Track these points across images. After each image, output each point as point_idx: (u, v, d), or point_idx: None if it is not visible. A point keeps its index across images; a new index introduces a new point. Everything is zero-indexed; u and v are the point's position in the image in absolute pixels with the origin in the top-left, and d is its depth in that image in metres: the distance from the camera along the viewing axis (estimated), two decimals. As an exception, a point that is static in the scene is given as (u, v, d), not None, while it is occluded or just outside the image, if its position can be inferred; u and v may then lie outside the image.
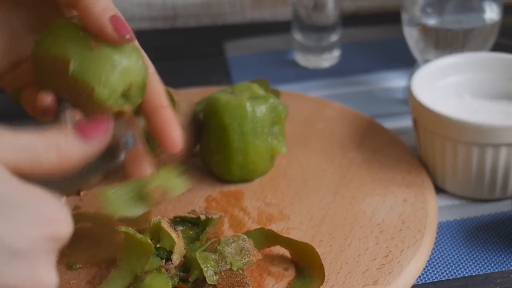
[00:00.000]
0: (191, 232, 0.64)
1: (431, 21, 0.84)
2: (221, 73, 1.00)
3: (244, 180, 0.73)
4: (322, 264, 0.60)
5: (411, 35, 0.86)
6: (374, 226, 0.66)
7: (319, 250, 0.61)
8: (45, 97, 0.53)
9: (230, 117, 0.70)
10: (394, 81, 0.95)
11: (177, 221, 0.64)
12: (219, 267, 0.59)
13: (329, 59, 0.99)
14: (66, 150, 0.45)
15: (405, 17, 0.86)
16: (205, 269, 0.58)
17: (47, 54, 0.53)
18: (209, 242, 0.61)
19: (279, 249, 0.64)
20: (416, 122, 0.73)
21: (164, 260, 0.59)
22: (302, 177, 0.74)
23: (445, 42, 0.83)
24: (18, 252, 0.40)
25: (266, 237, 0.63)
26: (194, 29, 1.15)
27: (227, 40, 1.09)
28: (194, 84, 0.95)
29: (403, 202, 0.69)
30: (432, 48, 0.84)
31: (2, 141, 0.41)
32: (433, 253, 0.66)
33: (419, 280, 0.63)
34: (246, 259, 0.60)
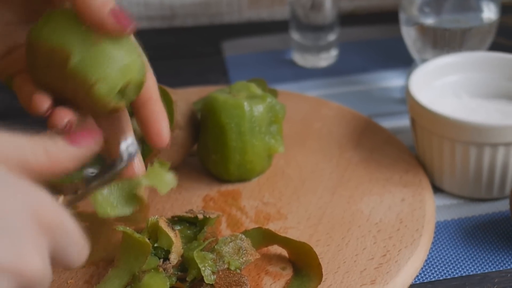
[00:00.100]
0: (188, 232, 0.64)
1: (429, 21, 0.84)
2: (218, 73, 1.00)
3: (242, 179, 0.73)
4: (319, 264, 0.60)
5: (409, 35, 0.86)
6: (371, 225, 0.66)
7: (317, 250, 0.61)
8: (42, 101, 0.52)
9: (228, 116, 0.70)
10: (391, 80, 0.95)
11: (175, 221, 0.64)
12: (217, 267, 0.59)
13: (327, 58, 0.99)
14: (55, 153, 0.44)
15: (402, 16, 0.86)
16: (203, 268, 0.58)
17: (44, 44, 0.51)
18: (206, 242, 0.61)
19: (276, 249, 0.64)
20: (413, 122, 0.73)
21: (162, 260, 0.59)
22: (299, 177, 0.74)
23: (443, 41, 0.83)
24: (1, 228, 0.38)
25: (263, 237, 0.63)
26: (192, 28, 1.15)
27: (224, 39, 1.09)
28: (191, 84, 0.95)
29: (401, 201, 0.69)
30: (430, 48, 0.84)
31: None
32: (430, 253, 0.66)
33: (416, 279, 0.63)
34: (244, 258, 0.60)
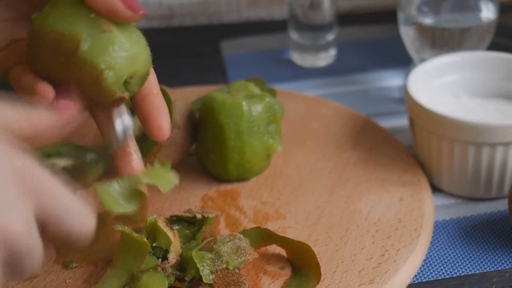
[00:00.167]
0: (187, 231, 0.64)
1: (427, 20, 0.84)
2: (217, 72, 1.00)
3: (240, 179, 0.73)
4: (318, 263, 0.60)
5: (407, 34, 0.86)
6: (370, 225, 0.66)
7: (315, 249, 0.61)
8: (47, 90, 0.52)
9: (226, 116, 0.70)
10: (390, 80, 0.95)
11: (173, 220, 0.64)
12: (215, 266, 0.59)
13: (325, 58, 0.99)
14: (37, 120, 0.44)
15: (401, 16, 0.86)
16: (201, 268, 0.58)
17: (51, 30, 0.51)
18: (205, 241, 0.61)
19: (275, 248, 0.64)
20: (412, 121, 0.73)
21: (160, 259, 0.59)
22: (298, 176, 0.74)
23: (441, 41, 0.83)
24: None
25: (262, 236, 0.63)
26: (190, 28, 1.15)
27: (223, 39, 1.09)
28: (190, 83, 0.95)
29: (399, 201, 0.69)
30: (428, 47, 0.84)
31: None
32: (429, 252, 0.66)
33: (415, 279, 0.63)
34: (242, 258, 0.60)
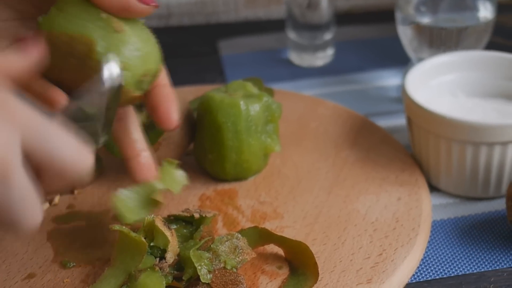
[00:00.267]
0: (185, 231, 0.64)
1: (425, 20, 0.84)
2: (215, 72, 1.00)
3: (238, 178, 0.73)
4: (316, 263, 0.60)
5: (405, 34, 0.86)
6: (368, 224, 0.66)
7: (313, 249, 0.61)
8: (60, 95, 0.52)
9: (224, 115, 0.70)
10: (388, 79, 0.95)
11: (171, 220, 0.64)
12: (213, 266, 0.59)
13: (323, 57, 0.99)
14: (4, 60, 0.45)
15: (399, 15, 0.86)
16: (199, 267, 0.58)
17: (62, 33, 0.51)
18: (203, 241, 0.61)
19: (273, 248, 0.64)
20: (410, 121, 0.73)
21: (158, 259, 0.59)
22: (296, 176, 0.74)
23: (439, 40, 0.83)
24: None
25: (260, 236, 0.63)
26: (188, 27, 1.15)
27: (221, 38, 1.09)
28: (188, 83, 0.95)
29: (397, 200, 0.69)
30: (426, 47, 0.85)
31: None
32: (427, 252, 0.66)
33: (413, 278, 0.63)
34: (240, 257, 0.60)
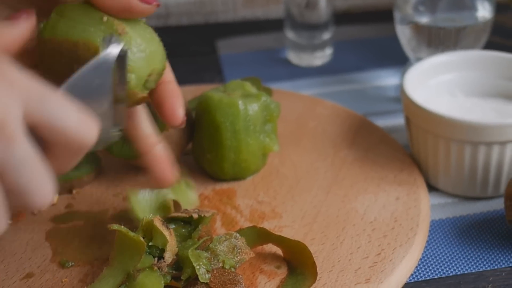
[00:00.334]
0: (183, 230, 0.64)
1: (424, 19, 0.84)
2: (213, 71, 1.00)
3: (237, 178, 0.73)
4: (314, 262, 0.60)
5: (404, 33, 0.86)
6: (366, 224, 0.66)
7: (312, 248, 0.61)
8: None
9: (223, 115, 0.70)
10: (386, 79, 0.95)
11: (170, 219, 0.64)
12: (212, 265, 0.59)
13: (322, 57, 0.99)
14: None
15: (397, 15, 0.86)
16: (198, 267, 0.58)
17: (65, 39, 0.50)
18: (201, 240, 0.61)
19: (271, 247, 0.64)
20: (408, 120, 0.73)
21: (156, 258, 0.59)
22: (294, 176, 0.74)
23: (438, 40, 0.83)
24: None
25: (258, 235, 0.63)
26: (187, 27, 1.14)
27: (219, 38, 1.09)
28: (186, 82, 0.95)
29: (396, 200, 0.69)
30: (425, 46, 0.85)
31: None
32: (425, 251, 0.66)
33: (411, 278, 0.63)
34: (239, 257, 0.60)
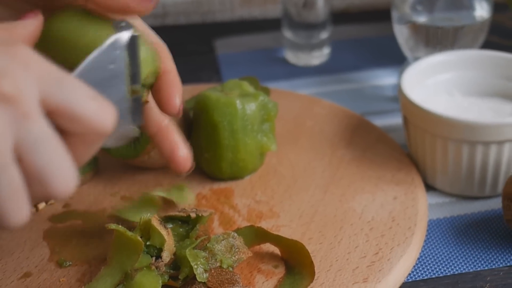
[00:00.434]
0: (181, 230, 0.64)
1: (421, 19, 0.84)
2: (211, 71, 1.00)
3: (234, 177, 0.73)
4: (312, 262, 0.60)
5: (401, 33, 0.86)
6: (364, 223, 0.66)
7: (309, 248, 0.61)
8: None
9: (220, 114, 0.70)
10: (384, 78, 0.95)
11: (167, 219, 0.64)
12: (209, 265, 0.59)
13: (319, 56, 0.99)
14: (14, 27, 0.47)
15: (395, 14, 0.86)
16: (195, 266, 0.58)
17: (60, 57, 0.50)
18: (199, 240, 0.61)
19: (269, 247, 0.64)
20: (406, 120, 0.73)
21: (154, 258, 0.59)
22: (292, 175, 0.74)
23: (435, 39, 0.83)
24: None
25: (256, 235, 0.63)
26: (184, 26, 1.14)
27: (217, 37, 1.09)
28: (184, 82, 0.94)
29: (393, 199, 0.69)
30: (422, 46, 0.85)
31: None
32: (423, 251, 0.66)
33: (409, 277, 0.63)
34: (236, 256, 0.60)
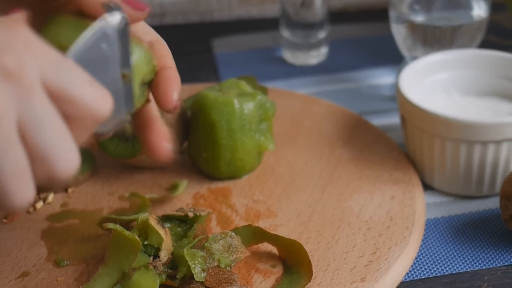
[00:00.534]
0: (178, 229, 0.64)
1: (419, 18, 0.84)
2: (209, 70, 1.00)
3: (232, 177, 0.73)
4: (309, 261, 0.60)
5: (399, 32, 0.86)
6: (361, 223, 0.66)
7: (307, 247, 0.61)
8: None
9: (218, 114, 0.70)
10: (381, 78, 0.95)
11: (165, 218, 0.64)
12: (207, 264, 0.59)
13: (317, 56, 0.99)
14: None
15: (392, 14, 0.86)
16: (193, 266, 0.58)
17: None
18: (196, 239, 0.61)
19: (266, 246, 0.64)
20: (404, 119, 0.73)
21: (151, 257, 0.59)
22: (289, 174, 0.74)
23: (433, 39, 0.83)
24: None
25: (253, 234, 0.63)
26: (182, 26, 1.14)
27: (215, 37, 1.09)
28: (182, 81, 0.94)
29: (391, 199, 0.69)
30: (420, 45, 0.85)
31: None
32: (420, 250, 0.66)
33: (406, 277, 0.63)
34: (234, 256, 0.60)
